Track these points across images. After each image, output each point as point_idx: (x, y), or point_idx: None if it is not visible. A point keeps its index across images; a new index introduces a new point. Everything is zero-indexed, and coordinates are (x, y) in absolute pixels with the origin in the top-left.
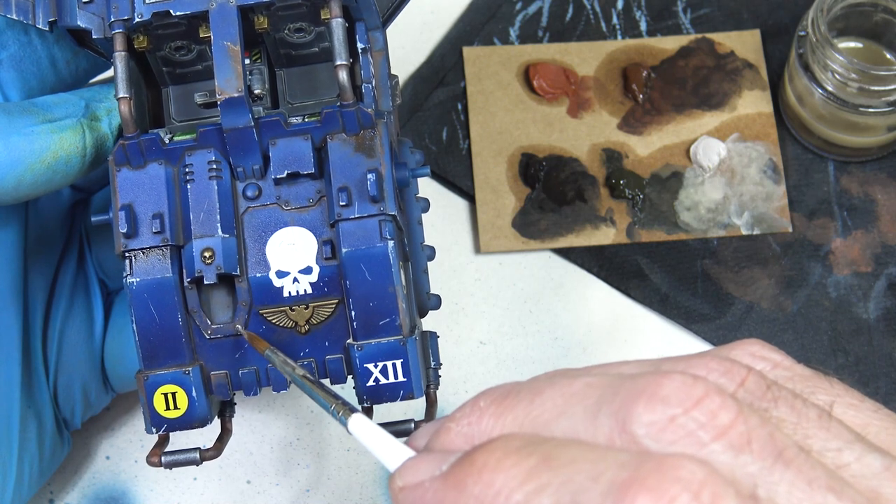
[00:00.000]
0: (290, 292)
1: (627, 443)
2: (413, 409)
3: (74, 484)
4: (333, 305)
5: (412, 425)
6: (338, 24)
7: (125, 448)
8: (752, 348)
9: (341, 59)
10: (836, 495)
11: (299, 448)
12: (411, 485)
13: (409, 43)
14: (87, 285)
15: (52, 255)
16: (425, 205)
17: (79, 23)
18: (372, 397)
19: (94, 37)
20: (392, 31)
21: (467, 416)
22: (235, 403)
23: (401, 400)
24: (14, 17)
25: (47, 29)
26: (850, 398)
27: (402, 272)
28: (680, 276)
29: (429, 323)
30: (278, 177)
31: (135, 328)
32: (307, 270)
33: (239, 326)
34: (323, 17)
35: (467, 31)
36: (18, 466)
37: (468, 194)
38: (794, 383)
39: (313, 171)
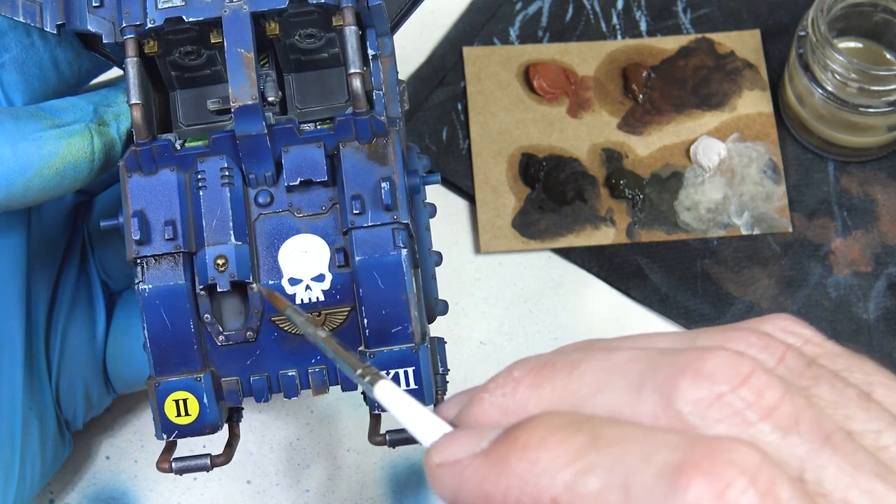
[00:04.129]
0: (302, 300)
1: (672, 419)
2: None
3: (74, 484)
4: (346, 313)
5: None
6: (351, 32)
7: (125, 448)
8: (783, 323)
9: (355, 68)
10: (882, 481)
11: (299, 448)
12: (449, 462)
13: (409, 43)
14: (90, 287)
15: (54, 257)
16: (432, 210)
17: (89, 27)
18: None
19: (104, 41)
20: None
21: (501, 387)
22: (244, 408)
23: None
24: (21, 19)
25: (55, 32)
26: (882, 377)
27: (413, 279)
28: (680, 276)
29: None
30: (291, 184)
31: (146, 335)
32: (320, 278)
33: (255, 285)
34: (335, 24)
35: (467, 31)
36: (21, 468)
37: (468, 194)
38: (828, 360)
39: (326, 178)
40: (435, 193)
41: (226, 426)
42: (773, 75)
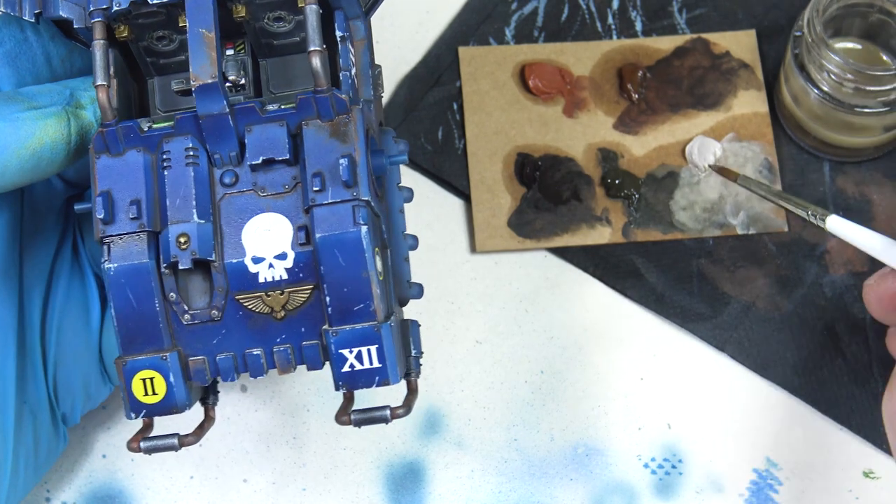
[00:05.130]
0: (265, 278)
1: None
2: (395, 396)
3: (71, 482)
4: (309, 291)
5: (387, 412)
6: (311, 11)
7: (122, 446)
8: None
9: (314, 45)
10: None
11: (296, 447)
12: None
13: (405, 42)
14: (83, 278)
15: (47, 250)
16: (408, 194)
17: (61, 13)
18: (348, 383)
19: (75, 26)
20: (388, 30)
21: None
22: (219, 391)
23: (377, 386)
24: (1, 9)
25: (33, 20)
26: None
27: (377, 258)
28: (676, 276)
29: (425, 322)
30: (254, 163)
31: (113, 314)
32: (282, 256)
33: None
34: (300, 5)
35: (463, 31)
36: (13, 462)
37: (464, 194)
38: None
39: (288, 157)
40: (430, 192)
41: (203, 409)
42: (769, 75)
